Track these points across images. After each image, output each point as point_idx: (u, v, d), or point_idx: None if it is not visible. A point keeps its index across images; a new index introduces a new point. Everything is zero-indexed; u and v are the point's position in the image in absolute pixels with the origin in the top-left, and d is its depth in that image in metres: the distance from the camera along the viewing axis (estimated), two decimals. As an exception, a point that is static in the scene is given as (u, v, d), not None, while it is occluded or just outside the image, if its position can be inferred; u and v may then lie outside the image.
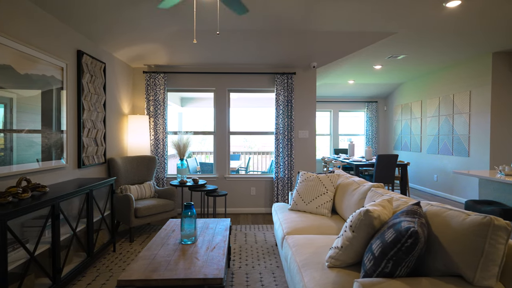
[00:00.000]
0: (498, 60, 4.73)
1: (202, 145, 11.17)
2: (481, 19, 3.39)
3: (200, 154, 8.29)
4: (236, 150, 9.07)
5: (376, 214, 1.52)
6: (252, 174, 4.82)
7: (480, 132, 4.96)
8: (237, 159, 7.99)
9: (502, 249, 1.21)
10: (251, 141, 12.07)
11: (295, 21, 3.48)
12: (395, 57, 5.02)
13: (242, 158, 8.15)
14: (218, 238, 2.22)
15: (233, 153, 8.36)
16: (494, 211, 2.68)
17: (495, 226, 1.21)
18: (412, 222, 1.31)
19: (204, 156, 8.34)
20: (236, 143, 12.03)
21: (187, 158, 7.77)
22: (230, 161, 7.15)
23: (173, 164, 7.14)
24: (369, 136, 8.17)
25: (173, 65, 4.57)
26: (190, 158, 7.63)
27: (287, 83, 4.54)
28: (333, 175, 2.81)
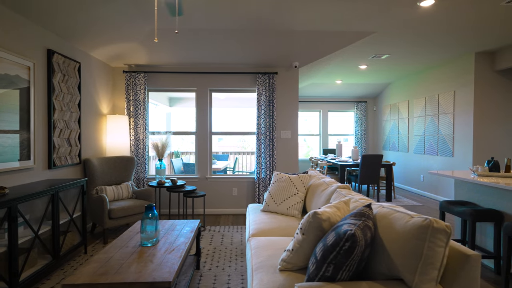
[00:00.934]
0: (480, 60, 4.72)
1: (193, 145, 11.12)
2: (458, 19, 3.38)
3: (190, 154, 8.22)
4: (226, 150, 9.03)
5: (325, 216, 1.49)
6: (234, 174, 4.79)
7: (464, 132, 4.95)
8: (225, 159, 7.95)
9: (442, 252, 1.18)
10: (247, 142, 12.00)
11: (276, 20, 3.45)
12: (379, 57, 5.00)
13: (231, 158, 8.11)
14: (180, 240, 2.19)
15: (223, 153, 8.32)
16: (465, 211, 2.66)
17: (434, 229, 1.18)
18: (353, 225, 1.28)
19: (193, 156, 8.27)
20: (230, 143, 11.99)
21: (175, 158, 7.72)
22: (217, 161, 7.12)
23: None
24: (359, 136, 8.16)
25: (154, 64, 4.53)
26: (178, 158, 7.59)
27: (269, 83, 4.51)
28: (304, 176, 2.78)
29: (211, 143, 4.70)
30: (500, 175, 2.73)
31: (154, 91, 4.71)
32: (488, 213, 2.59)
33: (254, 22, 3.49)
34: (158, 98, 7.55)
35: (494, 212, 2.60)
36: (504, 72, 4.74)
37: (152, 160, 5.85)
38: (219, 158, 7.97)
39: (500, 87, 4.75)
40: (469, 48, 4.49)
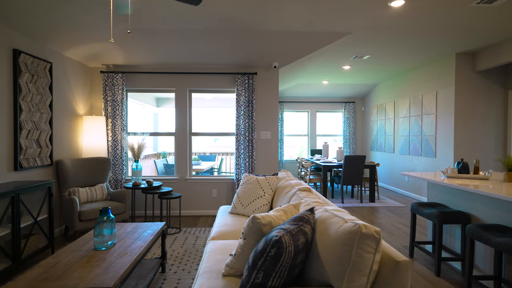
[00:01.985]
0: (461, 60, 4.71)
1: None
2: (430, 20, 3.35)
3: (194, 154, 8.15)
4: (215, 151, 9.00)
5: (265, 220, 1.45)
6: (214, 176, 4.75)
7: (445, 133, 4.94)
8: (213, 159, 7.91)
9: (371, 258, 1.16)
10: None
11: (250, 20, 3.42)
12: (361, 57, 4.98)
13: (219, 158, 8.07)
14: (137, 243, 2.15)
15: (210, 154, 8.28)
16: (432, 214, 2.64)
17: (363, 235, 1.16)
18: (284, 230, 1.25)
19: None
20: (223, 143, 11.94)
21: (162, 158, 7.68)
22: (203, 162, 7.08)
23: (147, 166, 7.05)
24: (347, 136, 8.15)
25: (133, 64, 4.48)
26: (164, 159, 7.54)
27: (248, 83, 4.48)
28: (271, 178, 2.75)
29: (190, 144, 4.66)
30: (468, 176, 2.71)
31: (132, 91, 4.67)
32: (456, 215, 2.57)
33: (232, 22, 3.45)
34: (145, 98, 7.51)
35: (462, 214, 2.58)
36: (485, 73, 4.73)
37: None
38: (206, 159, 7.93)
39: (481, 88, 4.74)
40: (450, 48, 4.47)
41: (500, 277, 2.22)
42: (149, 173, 6.80)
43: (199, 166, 6.29)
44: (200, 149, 10.92)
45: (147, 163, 6.78)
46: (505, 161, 2.51)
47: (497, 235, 2.03)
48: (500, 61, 4.23)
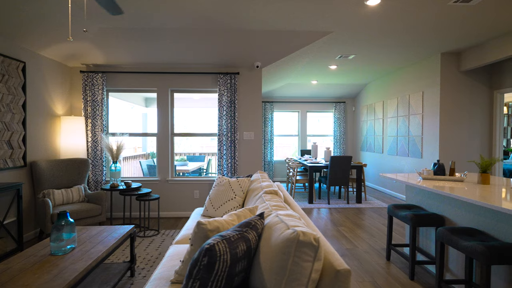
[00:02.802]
0: (446, 60, 4.67)
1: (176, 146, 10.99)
2: (407, 19, 3.30)
3: (180, 155, 8.07)
4: (205, 151, 8.93)
5: (212, 226, 1.40)
6: (195, 177, 4.69)
7: (431, 133, 4.90)
8: (202, 160, 7.85)
9: (309, 267, 1.10)
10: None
11: (231, 19, 3.37)
12: (346, 57, 4.93)
13: (207, 159, 8.01)
14: (98, 248, 2.09)
15: (200, 154, 8.22)
16: (406, 216, 2.59)
17: (300, 242, 1.10)
18: (222, 237, 1.19)
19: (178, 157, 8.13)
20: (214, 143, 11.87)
21: (152, 158, 7.61)
22: (190, 163, 7.02)
23: (135, 166, 6.98)
24: (337, 137, 8.10)
25: (113, 64, 4.42)
26: (153, 159, 7.47)
27: (231, 83, 4.42)
28: (243, 180, 2.70)
29: (173, 144, 4.60)
30: (443, 178, 2.66)
31: (113, 91, 4.60)
32: (430, 218, 2.52)
33: (213, 21, 3.40)
34: (133, 99, 7.44)
35: (436, 216, 2.54)
36: (470, 73, 4.69)
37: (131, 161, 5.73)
38: (196, 159, 7.87)
39: (466, 88, 4.70)
40: (434, 48, 4.43)
41: (471, 282, 2.17)
42: (136, 174, 6.73)
43: (185, 167, 6.22)
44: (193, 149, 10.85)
45: (134, 164, 6.71)
46: (479, 163, 2.46)
47: (465, 238, 1.98)
48: (484, 61, 4.19)
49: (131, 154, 7.19)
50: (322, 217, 4.57)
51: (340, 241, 3.49)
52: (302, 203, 5.49)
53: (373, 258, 3.01)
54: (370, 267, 2.79)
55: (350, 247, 3.32)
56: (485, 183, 2.43)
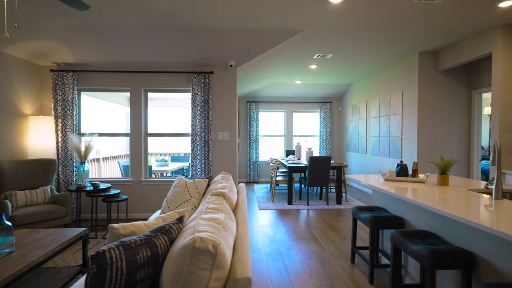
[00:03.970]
0: (424, 60, 4.61)
1: (167, 147, 10.93)
2: (374, 17, 3.24)
3: (164, 155, 7.98)
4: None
5: (127, 231, 1.33)
6: (170, 178, 4.61)
7: (410, 133, 4.84)
8: (186, 160, 7.77)
9: (206, 276, 1.03)
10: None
11: (200, 18, 3.32)
12: (324, 56, 4.87)
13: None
14: (37, 252, 2.01)
15: (185, 154, 8.14)
16: (366, 218, 2.53)
17: (196, 249, 1.03)
18: (121, 243, 1.12)
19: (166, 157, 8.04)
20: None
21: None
22: (172, 163, 6.94)
23: (116, 167, 6.89)
24: (323, 137, 8.04)
25: (85, 63, 4.34)
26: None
27: (204, 83, 4.35)
28: (200, 181, 2.63)
29: (146, 144, 4.53)
30: (404, 179, 2.60)
31: (86, 90, 4.52)
32: (390, 220, 2.46)
33: (185, 19, 3.34)
34: (117, 99, 7.36)
35: (397, 218, 2.47)
36: (448, 72, 4.63)
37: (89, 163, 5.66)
38: (180, 160, 7.79)
39: (444, 87, 4.65)
40: (411, 48, 4.37)
41: (424, 286, 2.11)
42: (116, 175, 6.65)
43: (166, 168, 6.15)
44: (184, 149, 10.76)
45: (114, 164, 6.63)
46: (438, 164, 2.40)
47: (414, 242, 1.91)
48: (459, 60, 4.14)
49: (117, 154, 7.11)
50: (297, 218, 4.50)
51: (309, 244, 3.43)
52: (282, 204, 5.42)
53: (337, 261, 2.94)
54: (331, 271, 2.73)
55: (317, 249, 3.25)
56: (444, 184, 2.37)
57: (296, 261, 2.95)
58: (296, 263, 2.90)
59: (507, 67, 3.51)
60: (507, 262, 1.51)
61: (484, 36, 3.72)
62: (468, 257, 1.71)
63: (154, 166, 6.34)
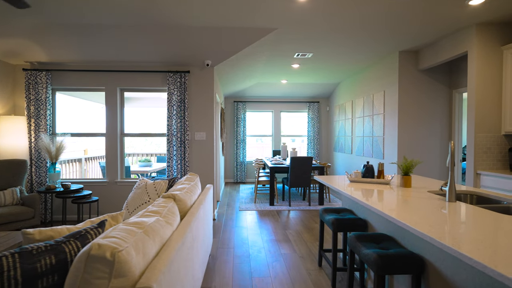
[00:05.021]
0: (404, 59, 4.55)
1: (158, 147, 10.86)
2: (347, 14, 3.18)
3: (152, 156, 7.90)
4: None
5: (43, 236, 1.26)
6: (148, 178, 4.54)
7: (391, 133, 4.78)
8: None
9: (103, 285, 0.97)
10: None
11: (178, 16, 3.26)
12: (304, 55, 4.80)
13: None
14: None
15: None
16: (329, 220, 2.47)
17: (91, 257, 0.97)
18: (18, 250, 1.06)
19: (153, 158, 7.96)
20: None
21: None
22: (156, 163, 6.87)
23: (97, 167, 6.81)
24: (311, 137, 7.98)
25: (59, 62, 4.27)
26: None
27: (180, 82, 4.29)
28: (159, 182, 2.56)
29: (122, 145, 4.46)
30: (369, 181, 2.54)
31: (60, 90, 4.45)
32: (353, 223, 2.40)
33: (159, 17, 3.27)
34: (101, 98, 7.28)
35: (360, 221, 2.42)
36: (429, 72, 4.58)
37: (66, 164, 5.59)
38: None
39: (425, 87, 4.59)
40: (391, 46, 4.31)
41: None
42: (99, 176, 6.58)
43: (149, 168, 6.08)
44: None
45: (97, 165, 6.56)
46: (401, 164, 2.34)
47: (368, 246, 1.85)
48: (437, 59, 4.08)
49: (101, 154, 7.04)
50: (276, 220, 4.44)
51: (281, 246, 3.37)
52: (263, 205, 5.36)
53: (305, 264, 2.88)
54: (296, 274, 2.67)
55: (287, 252, 3.19)
56: (407, 185, 2.31)
57: (263, 264, 2.89)
58: (262, 266, 2.84)
59: (482, 67, 3.45)
60: (453, 269, 1.45)
61: (461, 35, 3.66)
62: (418, 262, 1.65)
63: (137, 166, 6.27)
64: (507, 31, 3.45)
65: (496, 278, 0.87)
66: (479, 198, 2.12)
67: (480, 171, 3.44)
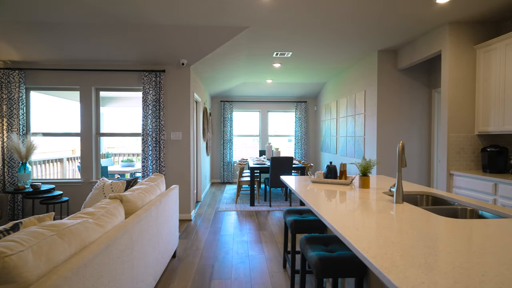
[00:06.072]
0: (383, 58, 4.52)
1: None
2: (314, 11, 3.13)
3: (137, 156, 7.84)
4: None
5: (-48, 239, 1.21)
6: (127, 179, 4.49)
7: (371, 133, 4.75)
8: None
9: (-13, 292, 0.93)
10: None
11: (152, 14, 3.22)
12: (283, 54, 4.76)
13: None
14: None
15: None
16: (289, 221, 2.43)
17: (-27, 263, 0.92)
18: None
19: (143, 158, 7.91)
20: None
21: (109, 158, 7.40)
22: (138, 163, 6.81)
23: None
24: (299, 137, 7.94)
25: (33, 61, 4.22)
26: (108, 159, 7.27)
27: (156, 81, 4.24)
28: (117, 182, 2.52)
29: (98, 145, 4.41)
30: (330, 181, 2.49)
31: (34, 89, 4.40)
32: (312, 224, 2.36)
33: (133, 15, 3.23)
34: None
35: (321, 223, 2.37)
36: (408, 71, 4.54)
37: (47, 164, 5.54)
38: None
39: (404, 87, 4.55)
40: (371, 46, 4.27)
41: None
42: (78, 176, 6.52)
43: (131, 168, 6.04)
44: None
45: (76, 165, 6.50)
46: (360, 165, 2.30)
47: (314, 248, 1.81)
48: (414, 59, 4.04)
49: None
50: (253, 220, 4.40)
51: (251, 247, 3.32)
52: (244, 205, 5.32)
53: (270, 266, 2.84)
54: (258, 276, 2.62)
55: (256, 253, 3.15)
56: (365, 186, 2.27)
57: (227, 265, 2.84)
58: (226, 268, 2.80)
59: (455, 66, 3.41)
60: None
61: (434, 34, 3.62)
62: (360, 266, 1.61)
63: (119, 166, 6.22)
64: (480, 30, 3.41)
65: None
66: (434, 199, 2.08)
67: (453, 171, 3.40)
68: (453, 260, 0.93)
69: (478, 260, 0.93)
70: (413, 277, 0.82)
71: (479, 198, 3.02)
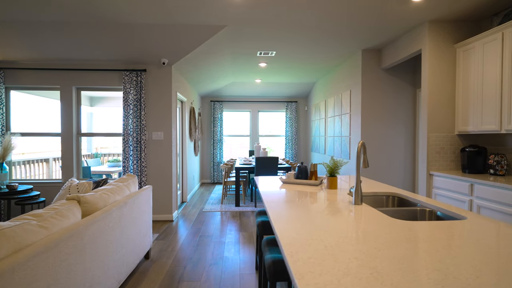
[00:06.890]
0: (367, 57, 4.48)
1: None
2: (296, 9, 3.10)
3: None
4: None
5: None
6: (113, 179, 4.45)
7: (356, 133, 4.71)
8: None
9: None
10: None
11: (129, 13, 3.18)
12: (267, 54, 4.72)
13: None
14: None
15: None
16: (257, 222, 2.39)
17: None
18: None
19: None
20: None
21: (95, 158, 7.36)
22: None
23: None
24: (289, 137, 7.90)
25: (12, 60, 4.18)
26: (96, 159, 7.23)
27: (137, 81, 4.20)
28: (83, 183, 2.48)
29: (78, 145, 4.37)
30: (299, 182, 2.45)
31: (14, 89, 4.37)
32: (280, 225, 2.32)
33: (112, 14, 3.19)
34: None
35: (289, 223, 2.33)
36: (392, 71, 4.50)
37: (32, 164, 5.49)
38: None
39: (389, 86, 4.51)
40: (355, 45, 4.23)
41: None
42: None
43: (117, 168, 6.00)
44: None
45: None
46: (327, 166, 2.26)
47: (272, 251, 1.77)
48: (396, 58, 4.00)
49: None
50: (235, 221, 4.35)
51: (227, 248, 3.28)
52: (230, 206, 5.28)
53: (243, 268, 2.80)
54: (228, 278, 2.58)
55: (231, 254, 3.11)
56: (332, 187, 2.23)
57: (200, 267, 2.80)
58: (198, 269, 2.76)
59: (435, 65, 3.37)
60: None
61: (415, 33, 3.58)
62: (314, 268, 1.56)
63: (106, 167, 6.19)
64: (461, 28, 3.37)
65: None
66: (400, 200, 2.04)
67: (433, 172, 3.36)
68: (376, 265, 0.89)
69: (399, 266, 0.89)
70: (322, 284, 0.78)
71: (456, 199, 2.98)
